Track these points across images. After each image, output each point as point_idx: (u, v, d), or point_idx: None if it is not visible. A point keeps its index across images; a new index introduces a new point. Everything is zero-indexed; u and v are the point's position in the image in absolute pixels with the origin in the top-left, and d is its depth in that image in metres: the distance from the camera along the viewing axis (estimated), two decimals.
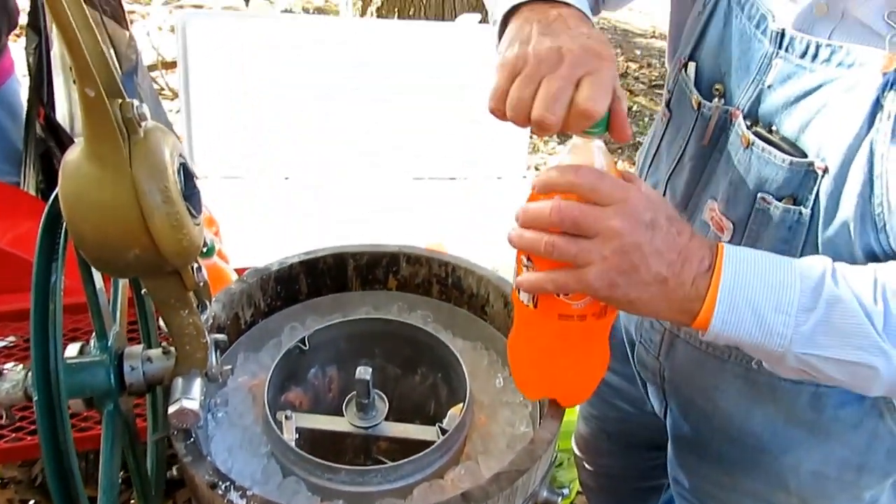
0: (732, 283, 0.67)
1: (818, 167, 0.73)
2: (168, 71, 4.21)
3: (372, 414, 0.92)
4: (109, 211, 0.63)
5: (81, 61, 0.59)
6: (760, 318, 0.67)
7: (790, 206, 0.76)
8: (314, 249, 1.09)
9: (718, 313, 0.67)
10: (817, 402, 0.87)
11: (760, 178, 0.78)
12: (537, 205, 0.68)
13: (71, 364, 0.74)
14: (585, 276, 0.66)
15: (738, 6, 0.82)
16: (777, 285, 0.67)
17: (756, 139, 0.78)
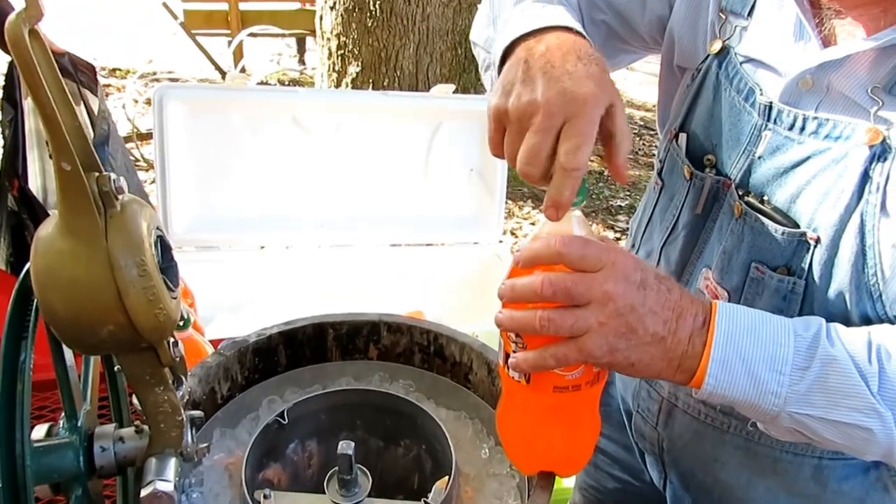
0: (725, 340, 0.67)
1: (810, 237, 0.74)
2: (143, 142, 4.23)
3: (355, 491, 0.89)
4: (83, 286, 0.62)
5: (59, 136, 0.59)
6: (754, 377, 0.66)
7: (784, 277, 0.76)
8: (293, 319, 1.07)
9: (711, 371, 0.67)
10: (820, 474, 0.85)
11: (754, 247, 0.79)
12: (524, 281, 0.67)
13: (38, 447, 0.71)
14: (585, 345, 0.65)
15: (727, 80, 0.83)
16: (771, 343, 0.67)
17: (748, 209, 0.79)
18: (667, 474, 1.03)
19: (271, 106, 2.22)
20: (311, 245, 2.40)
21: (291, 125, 2.22)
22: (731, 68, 0.83)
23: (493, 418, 1.02)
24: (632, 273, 0.66)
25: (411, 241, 2.49)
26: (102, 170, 0.65)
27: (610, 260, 0.66)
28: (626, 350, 0.66)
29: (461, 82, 4.25)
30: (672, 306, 0.67)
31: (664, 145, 0.93)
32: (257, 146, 2.23)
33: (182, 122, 2.11)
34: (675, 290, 0.69)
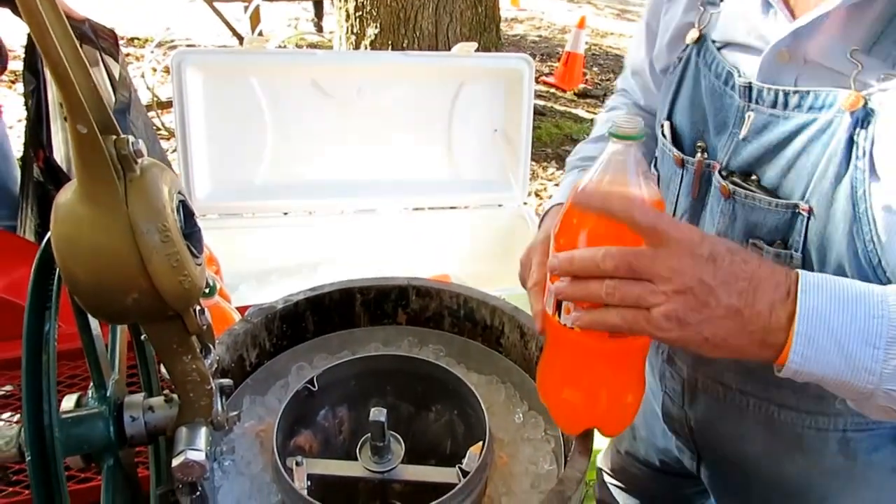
0: (811, 312, 0.61)
1: (803, 209, 0.73)
2: (164, 111, 4.21)
3: (388, 457, 0.87)
4: (105, 254, 0.60)
5: (73, 97, 0.56)
6: (846, 352, 0.61)
7: (781, 250, 0.76)
8: (320, 285, 1.05)
9: (796, 346, 0.62)
10: (846, 447, 0.84)
11: (748, 224, 0.79)
12: (583, 254, 0.65)
13: (67, 418, 0.70)
14: (653, 316, 0.63)
15: (706, 66, 0.84)
16: (863, 315, 0.61)
17: (735, 188, 0.79)
18: (699, 455, 1.02)
19: (290, 70, 2.18)
20: (334, 210, 2.38)
21: (311, 89, 2.19)
22: (708, 55, 0.84)
23: (526, 383, 1.01)
24: (698, 247, 0.63)
25: (435, 205, 2.45)
26: (120, 132, 0.62)
27: (676, 235, 0.63)
28: (699, 324, 0.63)
29: (482, 41, 4.17)
30: (748, 276, 0.63)
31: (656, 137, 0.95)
32: (277, 111, 2.20)
33: (201, 88, 2.08)
34: (752, 261, 0.64)
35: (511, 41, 6.85)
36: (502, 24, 5.42)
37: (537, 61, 6.12)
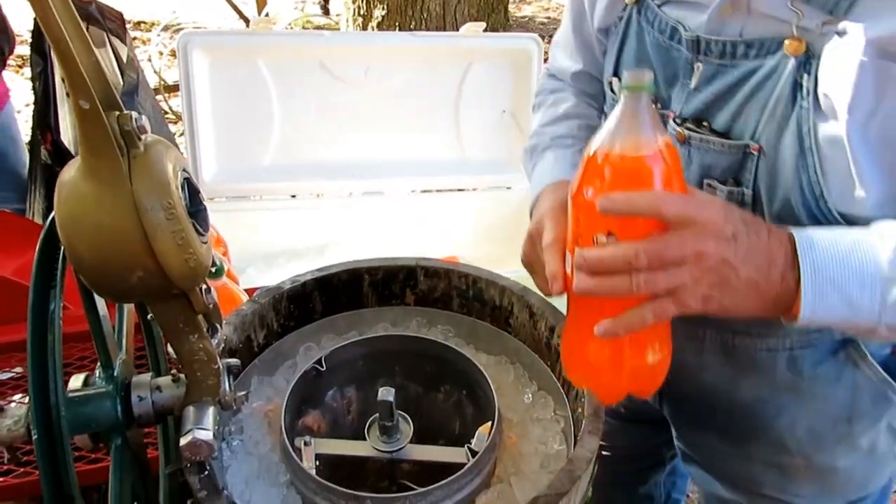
0: (813, 271, 0.67)
1: (753, 148, 0.78)
2: (171, 95, 4.20)
3: (396, 437, 0.87)
4: (109, 231, 0.59)
5: (74, 71, 0.55)
6: (848, 300, 0.67)
7: (733, 188, 0.80)
8: (327, 266, 1.05)
9: (806, 303, 0.68)
10: (794, 364, 0.89)
11: (702, 166, 0.83)
12: (614, 251, 0.66)
13: (74, 397, 0.70)
14: (680, 297, 0.66)
15: (648, 24, 0.88)
16: (857, 264, 0.68)
17: (691, 134, 0.83)
18: (661, 394, 1.08)
19: (297, 51, 2.16)
20: (341, 193, 2.37)
21: (319, 70, 2.16)
22: (649, 13, 0.88)
23: (535, 363, 1.00)
24: (723, 227, 0.66)
25: (443, 187, 2.44)
26: (123, 109, 0.61)
27: (702, 218, 0.65)
28: (721, 298, 0.67)
29: (490, 22, 4.13)
30: (764, 251, 0.68)
31: (608, 101, 0.97)
32: (285, 93, 2.18)
33: (208, 70, 2.07)
34: (764, 233, 0.68)
35: (519, 22, 6.78)
36: (510, 5, 5.37)
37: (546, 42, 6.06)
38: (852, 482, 0.99)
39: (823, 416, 0.93)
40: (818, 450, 0.95)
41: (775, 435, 0.96)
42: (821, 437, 0.95)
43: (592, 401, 0.83)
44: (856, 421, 0.93)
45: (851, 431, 0.94)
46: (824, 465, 0.96)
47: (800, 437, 0.95)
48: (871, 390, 0.90)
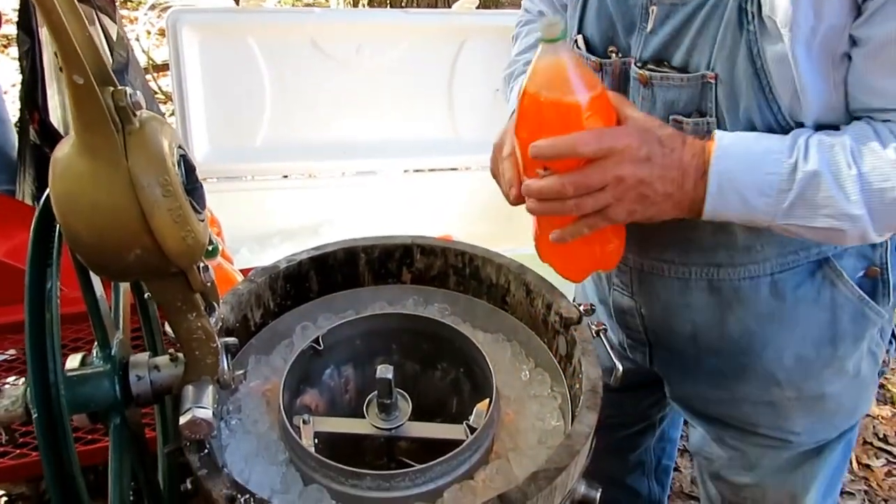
0: (720, 176, 0.79)
1: (710, 77, 0.83)
2: (160, 74, 4.15)
3: (395, 414, 0.87)
4: (106, 209, 0.59)
5: (68, 46, 0.54)
6: (746, 203, 0.79)
7: (698, 119, 0.86)
8: (323, 244, 1.04)
9: (708, 204, 0.80)
10: (776, 289, 0.95)
11: (666, 103, 0.88)
12: (548, 183, 0.80)
13: (72, 377, 0.69)
14: (608, 214, 0.81)
15: None
16: (762, 173, 0.78)
17: (652, 74, 0.88)
18: (650, 344, 1.10)
19: (288, 29, 2.14)
20: (334, 173, 2.36)
21: (310, 49, 2.14)
22: None
23: (532, 340, 1.00)
24: (637, 151, 0.78)
25: (436, 167, 2.43)
26: (117, 84, 0.60)
27: (618, 146, 0.77)
28: (643, 210, 0.81)
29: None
30: (676, 165, 0.79)
31: None
32: (276, 72, 2.16)
33: (198, 48, 2.05)
34: (678, 148, 0.80)
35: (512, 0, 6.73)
36: None
37: None
38: (842, 409, 1.05)
39: (807, 341, 0.98)
40: (806, 377, 1.00)
41: (764, 369, 1.00)
42: (808, 364, 0.99)
43: (590, 377, 0.83)
44: (839, 342, 0.98)
45: (836, 354, 0.99)
46: (814, 393, 1.01)
47: (788, 367, 0.99)
48: (850, 309, 0.96)
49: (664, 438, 1.49)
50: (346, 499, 0.79)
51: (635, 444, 1.43)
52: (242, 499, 0.69)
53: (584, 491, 0.82)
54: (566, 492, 0.77)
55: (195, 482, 0.76)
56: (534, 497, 0.70)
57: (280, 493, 0.81)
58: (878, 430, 2.12)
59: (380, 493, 0.78)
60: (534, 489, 0.70)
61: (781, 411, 1.03)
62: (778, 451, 1.08)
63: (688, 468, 1.99)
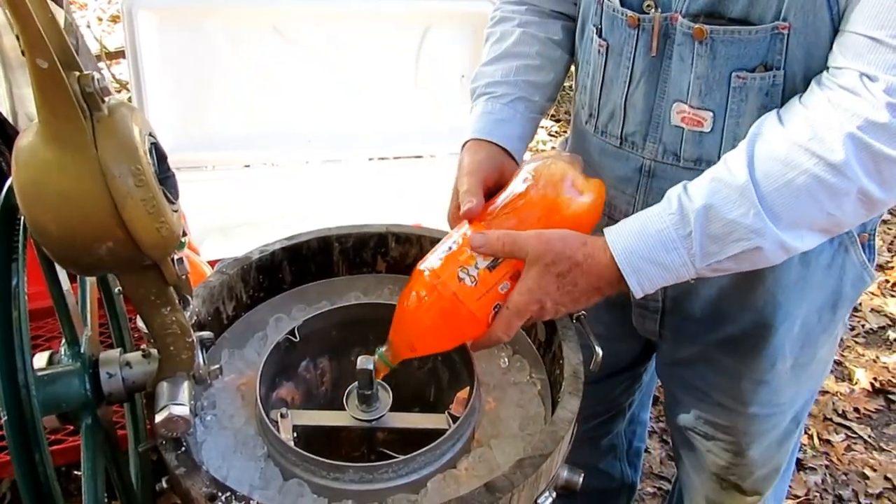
0: (623, 255, 0.78)
1: (782, 28, 0.78)
2: (113, 62, 4.03)
3: (376, 406, 0.86)
4: (75, 200, 0.56)
5: (31, 28, 0.51)
6: (663, 266, 0.77)
7: (764, 73, 0.81)
8: (296, 234, 1.02)
9: (631, 283, 0.78)
10: (805, 255, 0.92)
11: (729, 59, 0.82)
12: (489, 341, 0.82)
13: (41, 376, 0.66)
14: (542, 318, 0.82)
15: None
16: (654, 233, 0.77)
17: (712, 28, 0.81)
18: (664, 310, 1.06)
19: (250, 14, 2.08)
20: (298, 161, 2.31)
21: (272, 35, 2.09)
22: None
23: None
24: (534, 304, 0.79)
25: (401, 154, 2.40)
26: (83, 69, 0.57)
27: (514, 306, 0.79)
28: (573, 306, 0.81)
29: None
30: (586, 290, 0.80)
31: (593, 8, 0.95)
32: (237, 59, 2.10)
33: (155, 35, 1.98)
34: (580, 281, 0.79)
35: None
36: None
37: None
38: (821, 371, 1.08)
39: (815, 308, 0.98)
40: (805, 345, 1.01)
41: (776, 343, 0.99)
42: (809, 330, 1.00)
43: (572, 362, 0.83)
44: (838, 307, 0.99)
45: (833, 318, 1.00)
46: (806, 360, 1.02)
47: (795, 337, 1.00)
48: (853, 273, 0.97)
49: (634, 421, 1.51)
50: (327, 492, 0.77)
51: (607, 430, 1.44)
52: (223, 497, 0.68)
53: (567, 475, 0.82)
54: (550, 477, 0.77)
55: (172, 481, 0.74)
56: (520, 484, 0.69)
57: (259, 488, 0.79)
58: (838, 407, 2.18)
59: (362, 486, 0.77)
60: (520, 476, 0.70)
61: (774, 385, 1.04)
62: (764, 424, 1.09)
63: (657, 449, 2.02)
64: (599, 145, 0.99)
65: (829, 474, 1.97)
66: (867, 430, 2.11)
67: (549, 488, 0.78)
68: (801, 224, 0.75)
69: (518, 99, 1.00)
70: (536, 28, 1.04)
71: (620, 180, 0.97)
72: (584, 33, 0.99)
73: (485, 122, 0.98)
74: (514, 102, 1.00)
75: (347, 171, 2.31)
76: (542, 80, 1.02)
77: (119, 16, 1.92)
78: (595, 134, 1.00)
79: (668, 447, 2.03)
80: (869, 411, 2.18)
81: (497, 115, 0.99)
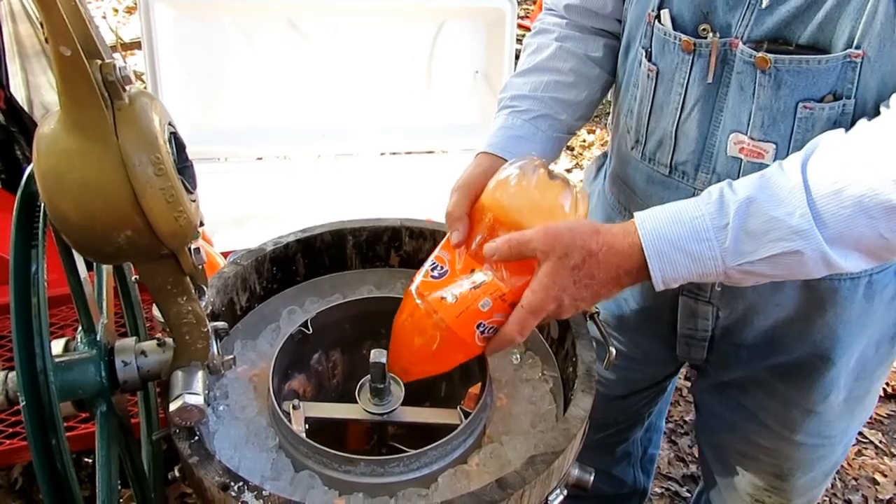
0: (651, 236, 0.73)
1: (855, 56, 0.73)
2: (128, 53, 4.05)
3: (388, 399, 0.86)
4: (95, 188, 0.56)
5: (55, 14, 0.51)
6: (690, 255, 0.72)
7: (833, 103, 0.77)
8: (311, 227, 1.02)
9: (653, 267, 0.73)
10: (870, 290, 0.89)
11: (796, 88, 0.78)
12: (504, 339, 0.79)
13: (59, 363, 0.67)
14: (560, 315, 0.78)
15: None
16: (688, 220, 0.72)
17: (776, 56, 0.77)
18: (713, 338, 1.02)
19: (265, 8, 2.09)
20: (310, 155, 2.32)
21: (287, 29, 2.10)
22: None
23: None
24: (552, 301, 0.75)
25: (413, 150, 2.40)
26: (105, 57, 0.58)
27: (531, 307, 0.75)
28: (592, 301, 0.77)
29: None
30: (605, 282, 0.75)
31: (642, 31, 0.91)
32: (252, 52, 2.11)
33: (171, 27, 1.98)
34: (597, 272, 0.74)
35: None
36: None
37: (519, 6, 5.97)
38: (872, 402, 1.04)
39: (874, 341, 0.95)
40: (860, 378, 0.98)
41: (831, 374, 0.96)
42: (867, 364, 0.97)
43: (585, 360, 0.83)
44: None
45: (891, 350, 0.97)
46: (860, 393, 1.00)
47: (850, 370, 0.96)
48: None
49: (651, 429, 1.49)
50: (338, 484, 0.78)
51: (624, 437, 1.42)
52: (236, 486, 0.68)
53: (578, 474, 0.82)
54: (562, 475, 0.77)
55: (184, 470, 0.75)
56: (532, 481, 0.69)
57: (271, 479, 0.79)
58: None
59: (373, 479, 0.77)
60: (531, 473, 0.70)
61: (826, 417, 1.00)
62: (810, 454, 1.06)
63: (665, 450, 2.01)
64: (647, 172, 0.95)
65: (839, 479, 1.96)
66: (878, 436, 2.10)
67: (560, 486, 0.78)
68: (849, 240, 0.69)
69: (542, 116, 0.97)
70: (575, 43, 1.00)
71: None
72: (629, 54, 0.95)
73: (500, 137, 0.95)
74: (537, 119, 0.97)
75: (359, 166, 2.31)
76: (573, 98, 0.98)
77: (134, 7, 1.92)
78: (642, 161, 0.95)
79: (676, 448, 2.02)
80: (881, 416, 2.17)
81: (515, 132, 0.96)
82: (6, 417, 1.18)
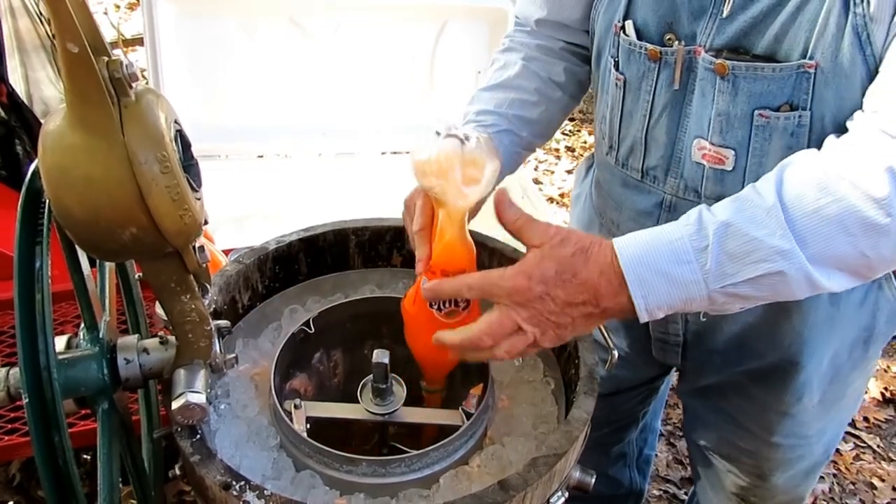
0: (632, 262, 0.69)
1: (808, 66, 0.75)
2: (129, 49, 4.04)
3: (390, 399, 0.86)
4: (101, 185, 0.56)
5: (62, 11, 0.51)
6: (672, 279, 0.69)
7: (789, 113, 0.78)
8: (313, 226, 1.02)
9: (635, 293, 0.69)
10: (836, 296, 0.89)
11: (752, 96, 0.79)
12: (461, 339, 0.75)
13: (62, 360, 0.67)
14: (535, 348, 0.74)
15: None
16: (666, 244, 0.70)
17: (735, 63, 0.79)
18: (685, 343, 1.04)
19: (267, 6, 2.08)
20: (311, 153, 2.32)
21: (289, 26, 2.09)
22: None
23: None
24: (529, 292, 0.70)
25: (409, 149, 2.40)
26: (111, 55, 0.57)
27: (506, 289, 0.71)
28: (571, 332, 0.73)
29: None
30: (583, 288, 0.70)
31: (609, 41, 0.92)
32: (253, 50, 2.10)
33: (173, 24, 1.98)
34: (581, 270, 0.70)
35: None
36: None
37: None
38: (853, 404, 1.05)
39: (846, 345, 0.97)
40: (834, 381, 1.00)
41: (803, 379, 0.97)
42: (840, 368, 0.98)
43: (587, 363, 0.83)
44: (871, 343, 0.97)
45: (865, 355, 0.98)
46: (835, 396, 1.01)
47: (823, 373, 0.98)
48: (888, 309, 0.94)
49: (646, 429, 1.50)
50: (339, 484, 0.77)
51: (619, 437, 1.43)
52: (237, 486, 0.68)
53: (580, 476, 0.82)
54: (563, 477, 0.77)
55: (185, 468, 0.75)
56: (534, 483, 0.69)
57: (272, 478, 0.79)
58: None
59: (375, 479, 0.77)
60: (534, 475, 0.70)
61: (801, 418, 1.02)
62: (789, 454, 1.08)
63: (663, 452, 2.01)
64: (621, 177, 0.98)
65: (837, 483, 1.96)
66: (876, 440, 2.10)
67: (561, 488, 0.78)
68: (830, 258, 0.68)
69: (505, 131, 0.99)
70: (539, 66, 1.03)
71: (641, 214, 0.96)
72: (600, 63, 0.96)
73: None
74: (500, 134, 0.98)
75: (360, 165, 2.31)
76: (535, 116, 1.01)
77: (136, 3, 1.91)
78: (616, 166, 0.98)
79: (674, 450, 2.02)
80: (879, 421, 2.17)
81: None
82: (5, 413, 1.17)
